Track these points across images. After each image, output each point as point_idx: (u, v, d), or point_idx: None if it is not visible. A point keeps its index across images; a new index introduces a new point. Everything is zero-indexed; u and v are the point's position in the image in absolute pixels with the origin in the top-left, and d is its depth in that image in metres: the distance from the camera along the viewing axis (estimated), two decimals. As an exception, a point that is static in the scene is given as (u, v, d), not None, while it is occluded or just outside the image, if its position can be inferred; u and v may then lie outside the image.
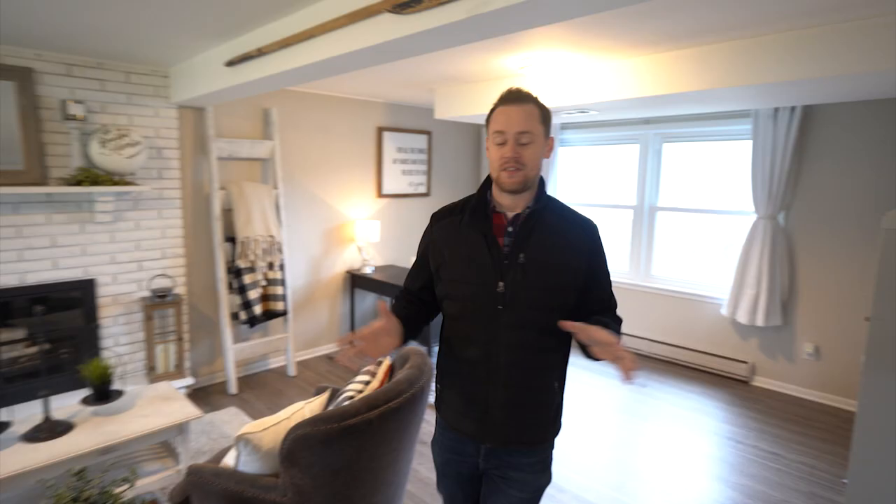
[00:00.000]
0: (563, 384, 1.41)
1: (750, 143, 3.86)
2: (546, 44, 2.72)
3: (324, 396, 2.05)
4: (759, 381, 4.04)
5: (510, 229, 1.35)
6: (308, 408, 1.94)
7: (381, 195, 4.91)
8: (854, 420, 1.87)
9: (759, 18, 2.26)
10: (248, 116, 3.97)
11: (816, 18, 2.24)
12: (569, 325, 1.21)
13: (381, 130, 4.82)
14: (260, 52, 2.50)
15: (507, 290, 1.31)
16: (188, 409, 2.46)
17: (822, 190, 3.66)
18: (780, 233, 3.80)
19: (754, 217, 3.87)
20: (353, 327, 4.78)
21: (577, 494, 2.64)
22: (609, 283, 1.40)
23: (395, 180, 5.03)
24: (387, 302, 4.75)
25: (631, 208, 4.78)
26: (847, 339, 3.62)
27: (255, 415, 3.43)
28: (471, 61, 3.15)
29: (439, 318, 1.54)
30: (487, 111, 1.37)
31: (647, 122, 4.52)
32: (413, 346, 2.30)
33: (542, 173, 1.43)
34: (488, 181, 1.40)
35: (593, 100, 3.23)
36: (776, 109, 3.66)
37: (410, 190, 5.19)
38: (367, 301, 4.94)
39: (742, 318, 3.91)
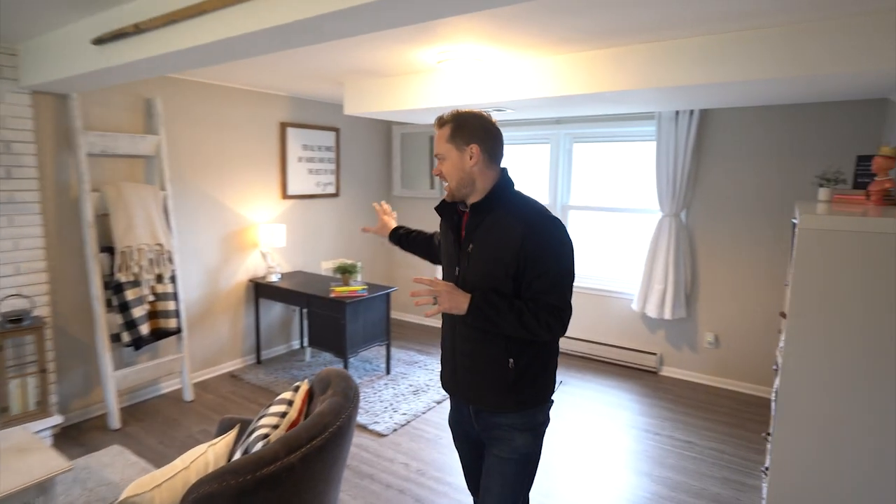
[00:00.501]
0: (526, 363, 1.53)
1: (654, 144, 4.03)
2: (464, 37, 2.59)
3: (230, 435, 1.75)
4: (667, 371, 4.25)
5: (469, 223, 1.58)
6: (212, 451, 1.64)
7: (286, 196, 4.53)
8: (754, 402, 1.96)
9: (672, 22, 2.29)
10: (126, 107, 3.43)
11: (723, 25, 2.32)
12: (416, 280, 1.54)
13: (284, 126, 4.44)
14: (137, 30, 2.10)
15: (460, 275, 1.59)
16: (52, 461, 2.01)
17: (717, 189, 3.90)
18: (683, 230, 4.02)
19: (660, 215, 4.05)
20: (258, 340, 4.36)
21: (511, 506, 2.54)
22: (548, 280, 1.45)
23: (302, 180, 4.67)
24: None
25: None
26: (742, 327, 3.89)
27: (144, 452, 2.96)
28: (385, 53, 2.94)
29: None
30: (401, 107, 1.44)
31: (557, 122, 4.58)
32: (333, 367, 2.07)
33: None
34: None
35: (513, 97, 3.16)
36: (677, 112, 3.85)
37: (318, 190, 4.85)
38: (274, 312, 4.54)
39: (651, 312, 4.08)
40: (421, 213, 5.48)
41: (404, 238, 2.03)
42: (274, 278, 4.23)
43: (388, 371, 4.18)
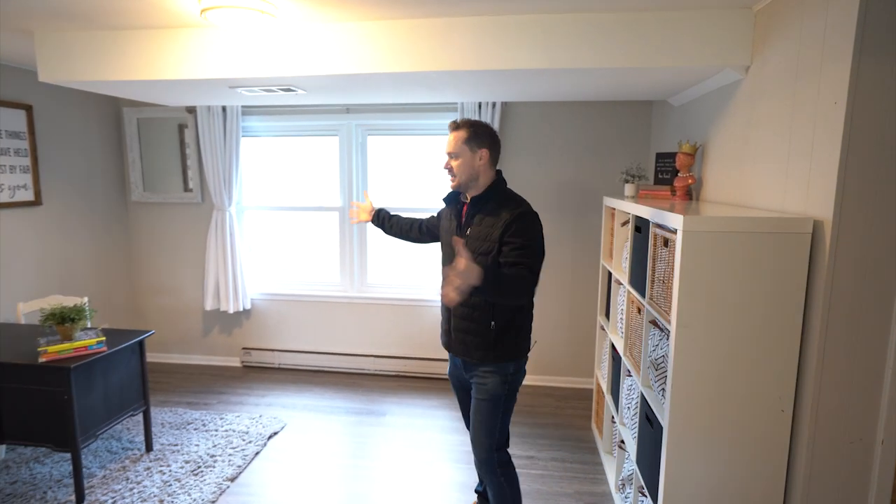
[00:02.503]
0: (504, 326, 1.93)
1: (458, 138, 3.75)
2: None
3: None
4: (484, 376, 4.07)
5: (468, 211, 2.01)
6: None
7: (-63, 209, 2.86)
8: (572, 395, 1.81)
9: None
10: None
11: (567, 3, 2.05)
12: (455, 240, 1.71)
13: (-78, 97, 2.78)
14: None
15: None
16: None
17: (522, 184, 3.83)
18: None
19: (470, 214, 3.80)
20: None
21: None
22: (515, 252, 1.80)
23: (-31, 183, 3.03)
24: None
25: (337, 210, 4.17)
26: (553, 324, 3.92)
27: None
28: (111, -16, 1.89)
29: None
30: (141, 76, 1.61)
31: (347, 110, 3.96)
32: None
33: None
34: None
35: (310, 72, 2.44)
36: (480, 104, 3.63)
37: (2, 197, 3.24)
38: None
39: (468, 317, 3.83)
40: (171, 220, 4.23)
41: (387, 223, 2.46)
42: (-78, 343, 2.60)
43: (149, 447, 2.99)
